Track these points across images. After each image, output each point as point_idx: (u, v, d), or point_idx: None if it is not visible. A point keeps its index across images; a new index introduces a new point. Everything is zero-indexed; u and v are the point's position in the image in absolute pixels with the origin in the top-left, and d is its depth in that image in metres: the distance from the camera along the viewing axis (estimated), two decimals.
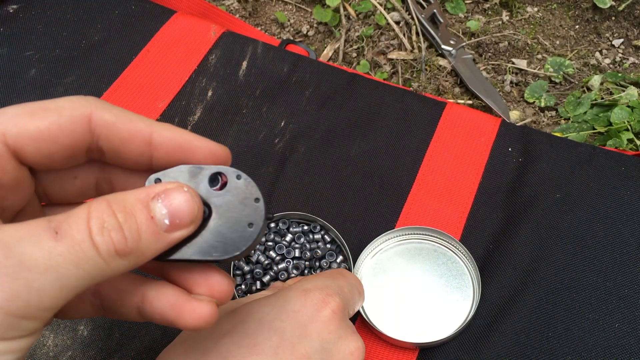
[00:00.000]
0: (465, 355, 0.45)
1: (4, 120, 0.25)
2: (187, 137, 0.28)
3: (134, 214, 0.24)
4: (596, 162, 0.53)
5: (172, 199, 0.25)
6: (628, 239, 0.49)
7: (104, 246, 0.23)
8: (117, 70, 0.57)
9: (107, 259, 0.23)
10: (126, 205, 0.24)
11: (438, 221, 0.50)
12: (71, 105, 0.26)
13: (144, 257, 0.25)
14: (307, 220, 0.49)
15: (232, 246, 0.27)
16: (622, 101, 0.63)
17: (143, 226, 0.24)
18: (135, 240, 0.24)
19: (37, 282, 0.22)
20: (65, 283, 0.22)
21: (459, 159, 0.53)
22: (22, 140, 0.25)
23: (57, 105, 0.26)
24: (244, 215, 0.27)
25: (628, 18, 0.71)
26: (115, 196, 0.25)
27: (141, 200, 0.25)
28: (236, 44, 0.59)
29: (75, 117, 0.26)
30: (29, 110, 0.25)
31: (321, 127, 0.55)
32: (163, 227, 0.25)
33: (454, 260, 0.48)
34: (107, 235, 0.23)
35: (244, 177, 0.27)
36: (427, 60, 0.66)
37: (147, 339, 0.45)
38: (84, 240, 0.23)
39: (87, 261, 0.23)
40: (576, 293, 0.47)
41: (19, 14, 0.60)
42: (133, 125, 0.27)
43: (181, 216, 0.25)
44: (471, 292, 0.46)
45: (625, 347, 0.45)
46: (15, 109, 0.25)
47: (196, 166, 0.28)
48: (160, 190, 0.25)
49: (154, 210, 0.25)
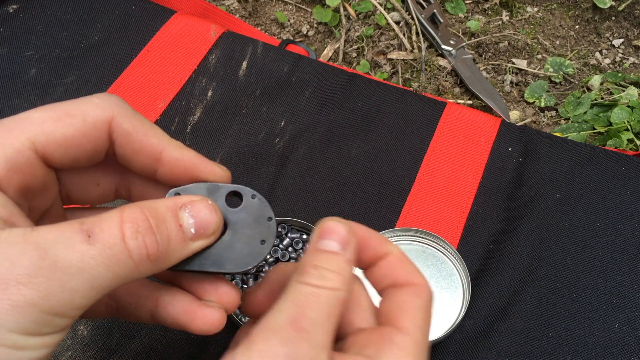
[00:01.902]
0: (465, 355, 0.45)
1: (32, 127, 0.26)
2: (193, 160, 0.30)
3: (165, 220, 0.26)
4: (596, 162, 0.53)
5: (199, 210, 0.27)
6: (628, 239, 0.49)
7: (136, 250, 0.25)
8: (117, 70, 0.57)
9: (137, 262, 0.25)
10: (158, 212, 0.26)
11: (438, 221, 0.50)
12: (95, 110, 0.27)
13: (169, 262, 0.26)
14: (307, 230, 0.48)
15: (244, 261, 0.29)
16: (622, 101, 0.63)
17: (173, 233, 0.26)
18: (166, 245, 0.26)
19: (70, 283, 0.23)
20: (96, 284, 0.24)
21: (459, 158, 0.53)
22: (49, 146, 0.26)
23: (81, 110, 0.27)
24: (257, 233, 0.29)
25: (628, 18, 0.71)
26: (147, 203, 0.26)
27: (171, 208, 0.27)
28: (236, 44, 0.59)
29: (98, 124, 0.27)
30: (55, 116, 0.26)
31: (321, 127, 0.55)
32: (189, 235, 0.27)
33: (443, 261, 0.48)
34: (141, 240, 0.25)
35: (259, 196, 0.29)
36: (427, 60, 0.66)
37: (147, 339, 0.45)
38: (116, 243, 0.24)
39: (118, 264, 0.24)
40: (576, 293, 0.47)
41: (19, 14, 0.60)
42: (147, 139, 0.29)
43: (205, 226, 0.27)
44: (461, 293, 0.46)
45: (625, 347, 0.45)
46: (41, 113, 0.26)
47: (214, 184, 0.30)
48: (187, 201, 0.27)
49: (182, 219, 0.27)
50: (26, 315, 0.22)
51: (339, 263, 0.27)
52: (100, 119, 0.27)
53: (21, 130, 0.26)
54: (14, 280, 0.22)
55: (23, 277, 0.22)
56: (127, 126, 0.28)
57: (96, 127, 0.27)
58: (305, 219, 0.48)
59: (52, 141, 0.26)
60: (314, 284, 0.26)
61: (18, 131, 0.26)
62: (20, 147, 0.26)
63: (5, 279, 0.22)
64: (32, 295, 0.22)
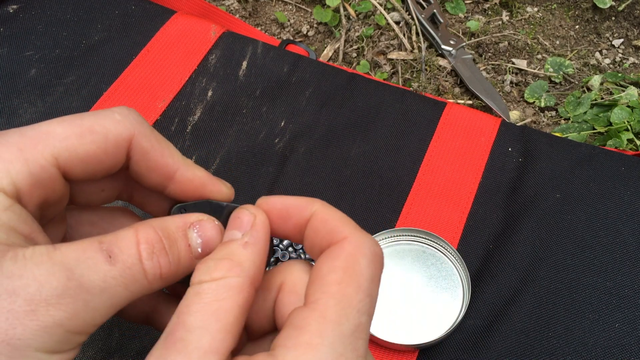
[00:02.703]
0: (465, 356, 0.45)
1: (56, 142, 0.26)
2: (203, 180, 0.30)
3: (176, 241, 0.27)
4: (596, 162, 0.53)
5: (206, 230, 0.28)
6: (628, 239, 0.49)
7: (151, 270, 0.25)
8: (117, 70, 0.57)
9: (151, 281, 0.26)
10: (170, 232, 0.27)
11: (438, 221, 0.50)
12: (116, 127, 0.28)
13: (176, 279, 0.27)
14: None
15: None
16: (622, 101, 0.63)
17: (182, 252, 0.27)
18: (176, 265, 0.27)
19: (93, 303, 0.24)
20: (115, 302, 0.25)
21: (459, 158, 0.53)
22: (71, 162, 0.27)
23: (103, 126, 0.27)
24: None
25: (628, 18, 0.71)
26: (159, 223, 0.27)
27: (181, 228, 0.27)
28: (236, 44, 0.59)
29: (119, 142, 0.28)
30: (78, 132, 0.27)
31: (321, 127, 0.55)
32: (196, 254, 0.27)
33: (442, 261, 0.48)
34: (156, 260, 0.26)
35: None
36: (427, 60, 0.66)
37: (147, 339, 0.45)
38: (134, 264, 0.25)
39: (135, 283, 0.25)
40: (576, 293, 0.47)
41: (19, 14, 0.60)
42: (163, 159, 0.29)
43: (212, 246, 0.28)
44: (461, 292, 0.46)
45: (625, 347, 0.45)
46: (64, 128, 0.27)
47: (217, 202, 0.30)
48: (195, 220, 0.28)
49: (190, 239, 0.27)
50: (53, 335, 0.23)
51: (228, 249, 0.26)
52: (121, 136, 0.28)
53: (45, 145, 0.26)
54: (44, 302, 0.23)
55: (52, 298, 0.23)
56: (145, 145, 0.29)
57: (117, 145, 0.28)
58: None
59: (75, 158, 0.27)
60: (197, 282, 0.25)
61: (42, 146, 0.26)
62: (45, 163, 0.26)
63: (35, 300, 0.23)
64: (60, 316, 0.23)
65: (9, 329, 0.22)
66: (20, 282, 0.23)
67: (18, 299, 0.23)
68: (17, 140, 0.26)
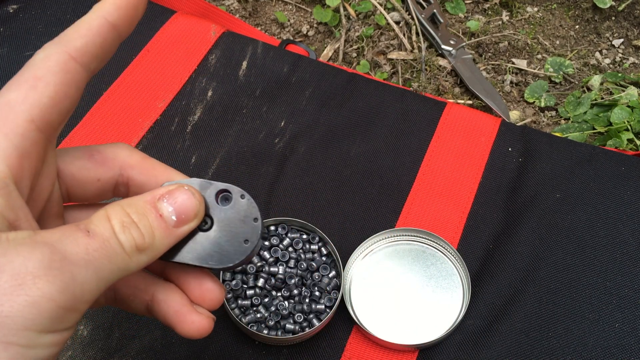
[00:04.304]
0: (465, 356, 0.45)
1: (21, 107, 0.26)
2: None
3: (145, 213, 0.27)
4: (596, 162, 0.53)
5: (176, 197, 0.28)
6: (628, 239, 0.49)
7: (127, 242, 0.26)
8: (117, 70, 0.57)
9: (130, 254, 0.26)
10: (137, 207, 0.27)
11: (438, 221, 0.50)
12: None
13: (159, 251, 0.28)
14: (307, 230, 0.48)
15: (227, 258, 0.30)
16: (622, 101, 0.63)
17: (155, 223, 0.27)
18: (150, 236, 0.27)
19: (80, 275, 0.24)
20: (101, 276, 0.25)
21: (459, 159, 0.53)
22: (44, 113, 0.26)
23: (46, 69, 0.27)
24: (242, 232, 0.30)
25: (628, 18, 0.71)
26: (126, 201, 0.28)
27: (149, 201, 0.28)
28: (236, 44, 0.59)
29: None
30: (31, 85, 0.26)
31: (321, 127, 0.55)
32: (171, 223, 0.28)
33: (443, 260, 0.48)
34: (129, 233, 0.26)
35: (247, 197, 0.30)
36: (427, 60, 0.66)
37: (147, 339, 0.45)
38: (111, 236, 0.25)
39: (117, 256, 0.25)
40: (576, 293, 0.47)
41: (19, 14, 0.60)
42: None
43: (186, 212, 0.28)
44: (461, 292, 0.46)
45: (625, 347, 0.45)
46: (17, 92, 0.26)
47: (206, 181, 0.30)
48: (164, 191, 0.28)
49: (161, 209, 0.28)
50: (43, 311, 0.22)
51: None
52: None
53: (15, 113, 0.25)
54: (30, 274, 0.22)
55: (39, 270, 0.22)
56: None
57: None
58: (305, 219, 0.49)
59: (44, 107, 0.26)
60: None
61: (13, 115, 0.25)
62: (24, 130, 0.25)
63: (21, 273, 0.22)
64: (50, 289, 0.22)
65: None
66: (4, 259, 0.22)
67: (3, 275, 0.22)
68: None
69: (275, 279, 0.46)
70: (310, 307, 0.45)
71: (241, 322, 0.44)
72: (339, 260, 0.46)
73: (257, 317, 0.45)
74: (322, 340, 0.46)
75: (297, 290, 0.46)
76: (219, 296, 0.31)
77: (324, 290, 0.46)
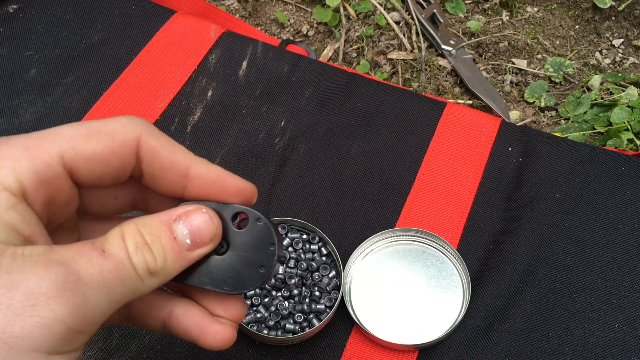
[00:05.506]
0: (465, 356, 0.45)
1: (62, 142, 0.26)
2: (221, 174, 0.29)
3: (159, 235, 0.27)
4: (596, 162, 0.53)
5: (192, 219, 0.27)
6: (628, 239, 0.49)
7: (139, 265, 0.25)
8: (117, 70, 0.57)
9: (142, 277, 0.26)
10: (152, 228, 0.27)
11: (438, 221, 0.50)
12: (123, 129, 0.28)
13: (170, 275, 0.27)
14: (307, 230, 0.48)
15: (242, 284, 0.29)
16: (622, 101, 0.63)
17: (168, 246, 0.27)
18: (162, 259, 0.26)
19: (92, 297, 0.23)
20: (113, 298, 0.24)
21: (459, 159, 0.53)
22: (78, 161, 0.26)
23: (110, 127, 0.27)
24: (257, 258, 0.29)
25: (628, 18, 0.71)
26: (142, 219, 0.27)
27: (164, 222, 0.27)
28: (236, 44, 0.59)
29: (126, 141, 0.28)
30: (85, 133, 0.27)
31: (321, 127, 0.55)
32: (185, 246, 0.27)
33: (442, 260, 0.48)
34: (141, 255, 0.26)
35: (264, 220, 0.29)
36: (427, 60, 0.66)
37: (147, 339, 0.45)
38: (125, 258, 0.25)
39: (130, 278, 0.25)
40: (576, 293, 0.47)
41: (19, 14, 0.60)
42: (174, 156, 0.29)
43: (201, 235, 0.27)
44: (461, 292, 0.46)
45: (625, 347, 0.45)
46: (70, 129, 0.27)
47: (222, 203, 0.29)
48: (181, 212, 0.28)
49: (176, 232, 0.27)
50: (53, 333, 0.22)
51: None
52: (128, 136, 0.28)
53: (51, 144, 0.26)
54: (44, 295, 0.22)
55: (52, 291, 0.22)
56: (154, 144, 0.28)
57: (125, 144, 0.28)
58: (305, 219, 0.49)
59: (81, 157, 0.26)
60: None
61: (48, 145, 0.26)
62: (50, 160, 0.26)
63: (35, 294, 0.22)
64: (62, 311, 0.22)
65: (7, 326, 0.21)
66: (19, 276, 0.22)
67: (17, 293, 0.22)
68: (23, 140, 0.26)
69: (275, 279, 0.46)
70: (310, 307, 0.45)
71: (241, 322, 0.44)
72: (339, 260, 0.46)
73: (257, 317, 0.45)
74: (322, 340, 0.46)
75: (297, 290, 0.46)
76: (242, 311, 0.30)
77: (324, 290, 0.46)
